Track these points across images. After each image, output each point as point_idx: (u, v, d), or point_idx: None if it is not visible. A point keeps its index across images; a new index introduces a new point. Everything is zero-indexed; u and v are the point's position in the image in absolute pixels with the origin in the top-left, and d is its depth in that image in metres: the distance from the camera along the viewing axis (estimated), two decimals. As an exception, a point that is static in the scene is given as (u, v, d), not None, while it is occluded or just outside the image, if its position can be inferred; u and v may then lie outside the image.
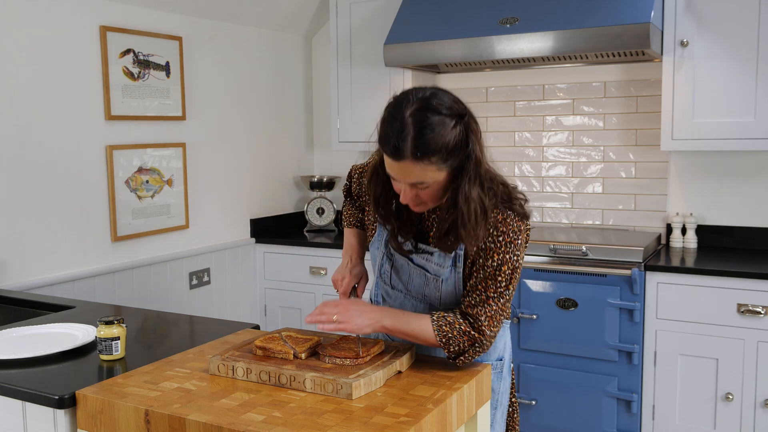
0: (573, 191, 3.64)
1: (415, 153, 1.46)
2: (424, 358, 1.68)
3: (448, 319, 1.59)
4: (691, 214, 3.34)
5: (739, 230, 3.28)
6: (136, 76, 3.14)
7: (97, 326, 1.79)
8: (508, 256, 1.59)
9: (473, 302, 1.60)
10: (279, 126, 4.07)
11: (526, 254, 3.11)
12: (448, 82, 3.88)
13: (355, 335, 1.65)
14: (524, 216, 1.65)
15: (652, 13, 2.84)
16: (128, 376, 1.56)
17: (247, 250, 3.84)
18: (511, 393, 1.88)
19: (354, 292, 1.88)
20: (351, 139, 3.79)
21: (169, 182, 3.34)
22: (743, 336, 2.76)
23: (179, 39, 3.35)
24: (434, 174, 1.50)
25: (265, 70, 3.94)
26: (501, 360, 1.80)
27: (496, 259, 1.59)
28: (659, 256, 3.07)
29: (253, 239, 3.88)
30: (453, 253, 1.62)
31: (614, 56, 3.11)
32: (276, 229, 4.03)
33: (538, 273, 3.08)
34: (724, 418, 2.82)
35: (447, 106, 1.50)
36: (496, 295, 1.59)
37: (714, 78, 2.97)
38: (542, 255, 3.09)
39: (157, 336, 1.99)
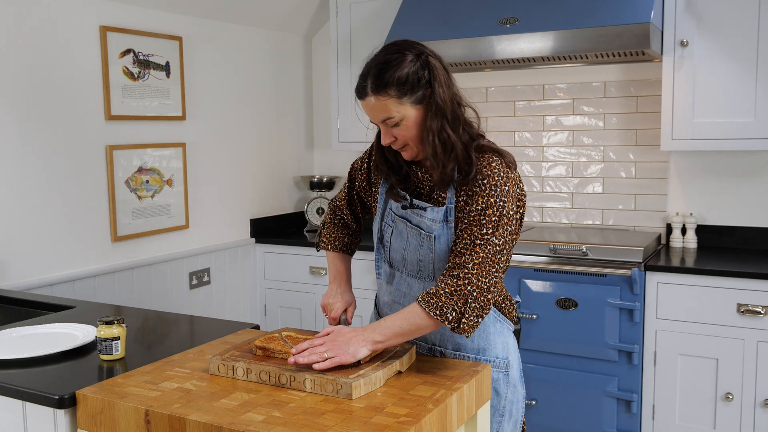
0: (573, 191, 3.64)
1: (373, 88, 1.60)
2: (424, 358, 1.68)
3: (431, 291, 1.56)
4: (691, 214, 3.34)
5: (739, 230, 3.28)
6: (136, 76, 3.14)
7: (97, 326, 1.79)
8: (492, 200, 1.58)
9: (459, 250, 1.58)
10: (279, 126, 4.07)
11: (526, 254, 3.11)
12: (448, 82, 3.88)
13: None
14: (511, 163, 1.66)
15: (652, 13, 2.84)
16: (128, 376, 1.56)
17: (247, 250, 3.84)
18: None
19: (344, 317, 1.91)
20: (351, 139, 3.79)
21: (169, 182, 3.34)
22: (743, 336, 2.76)
23: (179, 39, 3.35)
24: (397, 108, 1.60)
25: (265, 70, 3.94)
26: (505, 360, 1.75)
27: (480, 202, 1.58)
28: (659, 256, 3.07)
29: (253, 239, 3.88)
30: (444, 207, 1.65)
31: (614, 56, 3.11)
32: (276, 229, 4.03)
33: (538, 273, 3.08)
34: (724, 418, 2.82)
35: (407, 45, 1.64)
36: (482, 242, 1.56)
37: (714, 78, 2.97)
38: (542, 255, 3.09)
39: (157, 336, 1.99)
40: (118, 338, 1.68)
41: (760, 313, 2.72)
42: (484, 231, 1.57)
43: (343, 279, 1.96)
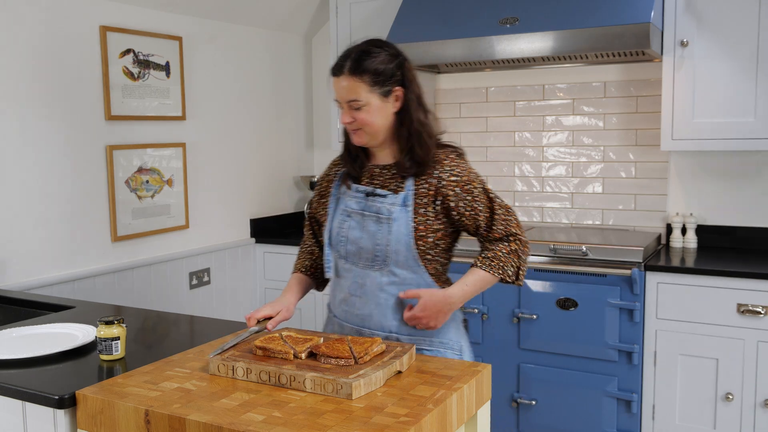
0: (573, 191, 3.64)
1: (350, 69, 1.77)
2: (424, 358, 1.68)
3: (488, 255, 1.85)
4: (691, 214, 3.34)
5: (739, 230, 3.28)
6: (136, 76, 3.14)
7: (97, 326, 1.79)
8: (477, 182, 1.85)
9: (491, 225, 1.85)
10: (279, 126, 4.07)
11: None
12: (448, 82, 3.88)
13: (346, 336, 1.70)
14: (463, 154, 1.93)
15: (652, 13, 2.84)
16: (128, 376, 1.56)
17: (247, 250, 3.84)
18: None
19: (258, 327, 1.85)
20: (351, 139, 3.79)
21: (169, 182, 3.34)
22: (743, 336, 2.76)
23: (179, 39, 3.35)
24: (365, 94, 1.77)
25: (265, 70, 3.94)
26: (459, 343, 1.93)
27: (476, 187, 1.84)
28: (659, 256, 3.07)
29: (253, 239, 3.88)
30: (403, 193, 1.83)
31: (614, 56, 3.11)
32: (276, 229, 4.03)
33: (538, 273, 3.08)
34: (724, 418, 2.82)
35: (387, 45, 1.84)
36: (500, 209, 1.86)
37: (714, 78, 2.97)
38: (542, 255, 3.09)
39: (157, 336, 1.99)
40: (118, 338, 1.68)
41: (760, 313, 2.72)
42: (495, 203, 1.86)
43: (289, 291, 1.98)
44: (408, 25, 3.39)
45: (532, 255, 3.10)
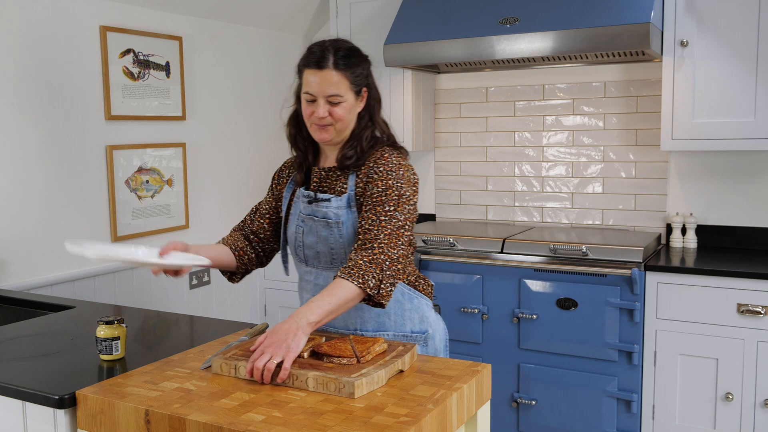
0: (573, 191, 3.64)
1: (336, 63, 1.78)
2: (424, 358, 1.68)
3: (349, 264, 1.70)
4: (691, 214, 3.34)
5: (739, 230, 3.28)
6: (136, 76, 3.14)
7: (97, 326, 1.79)
8: (390, 182, 1.78)
9: (367, 227, 1.75)
10: (279, 126, 4.04)
11: (526, 254, 3.11)
12: (448, 82, 3.88)
13: (348, 335, 1.71)
14: (404, 153, 1.90)
15: (652, 13, 2.84)
16: (128, 376, 1.56)
17: (247, 250, 3.84)
18: None
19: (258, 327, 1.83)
20: (351, 139, 3.79)
21: (169, 182, 3.34)
22: (743, 336, 2.76)
23: (179, 39, 3.35)
24: (346, 91, 1.80)
25: (265, 70, 3.94)
26: (424, 333, 1.92)
27: (380, 185, 1.78)
28: (659, 256, 3.07)
29: (253, 239, 3.87)
30: (346, 195, 1.83)
31: (614, 56, 3.11)
32: (276, 229, 4.02)
33: (538, 273, 3.08)
34: (724, 418, 2.82)
35: (356, 48, 1.87)
36: (386, 218, 1.74)
37: (714, 78, 2.97)
38: (542, 255, 3.09)
39: (157, 336, 1.99)
40: (118, 338, 1.68)
41: (760, 313, 2.72)
42: (387, 208, 1.75)
43: (205, 248, 1.90)
44: (408, 25, 3.39)
45: (533, 255, 3.10)
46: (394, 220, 1.74)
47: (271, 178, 2.07)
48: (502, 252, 3.16)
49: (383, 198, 1.76)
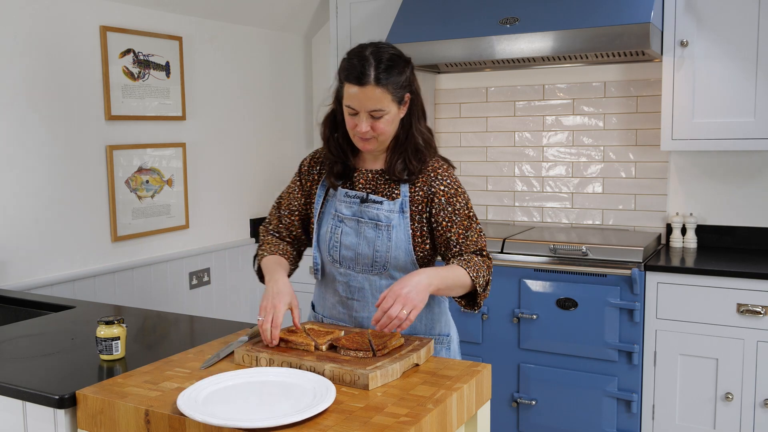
0: (573, 191, 3.64)
1: (378, 78, 1.72)
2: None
3: (464, 257, 1.80)
4: (691, 214, 3.34)
5: (739, 230, 3.28)
6: (136, 76, 3.14)
7: (97, 326, 1.79)
8: (463, 198, 1.85)
9: (464, 239, 1.82)
10: (279, 126, 4.07)
11: (526, 254, 3.12)
12: (448, 82, 3.88)
13: (367, 329, 1.73)
14: (452, 167, 1.93)
15: (652, 13, 2.84)
16: (128, 376, 1.56)
17: (247, 250, 3.84)
18: None
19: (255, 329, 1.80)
20: (351, 139, 3.79)
21: (169, 182, 3.34)
22: (743, 336, 2.76)
23: (179, 39, 3.35)
24: (388, 103, 1.75)
25: (265, 70, 3.94)
26: (448, 336, 1.96)
27: (459, 201, 1.84)
28: (659, 256, 3.07)
29: (253, 239, 3.87)
30: (399, 200, 1.82)
31: (614, 56, 3.11)
32: (276, 229, 4.02)
33: (538, 273, 3.08)
34: (724, 418, 2.82)
35: (397, 53, 1.80)
36: (475, 231, 1.85)
37: (714, 78, 2.97)
38: (542, 255, 3.09)
39: (157, 336, 1.99)
40: (118, 338, 1.68)
41: (760, 313, 2.72)
42: (472, 221, 1.85)
43: (281, 276, 1.79)
44: (408, 25, 3.40)
45: (533, 255, 3.10)
46: (480, 231, 1.87)
47: (298, 173, 1.99)
48: (502, 252, 3.17)
49: (468, 211, 1.85)
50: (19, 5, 2.69)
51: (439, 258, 1.91)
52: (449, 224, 1.82)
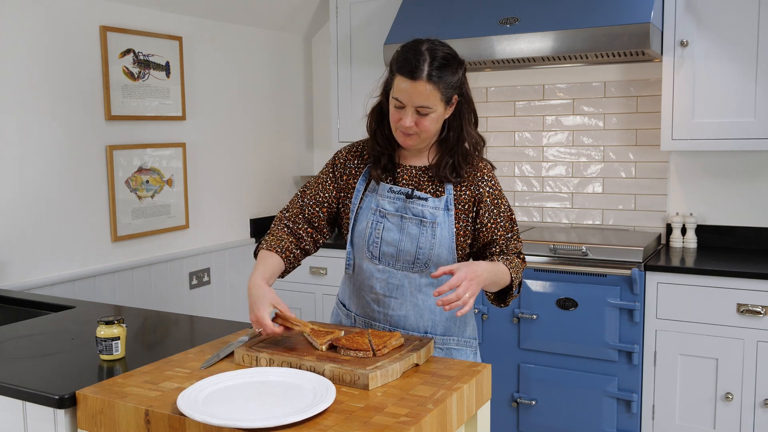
0: (573, 191, 3.64)
1: (430, 74, 1.71)
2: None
3: (509, 257, 1.84)
4: (691, 214, 3.34)
5: (739, 230, 3.28)
6: (136, 76, 3.14)
7: (97, 326, 1.79)
8: (505, 201, 1.89)
9: (506, 240, 1.86)
10: (279, 126, 4.07)
11: (526, 254, 3.11)
12: (448, 82, 3.88)
13: (367, 330, 1.73)
14: (494, 166, 1.95)
15: (652, 13, 2.84)
16: (128, 376, 1.56)
17: (247, 250, 3.84)
18: None
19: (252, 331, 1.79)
20: (351, 138, 3.79)
21: (169, 182, 3.34)
22: (743, 336, 2.76)
23: (179, 39, 3.35)
24: (436, 102, 1.73)
25: (265, 70, 3.94)
26: (475, 339, 1.97)
27: (503, 203, 1.88)
28: (659, 256, 3.07)
29: (253, 239, 3.88)
30: (444, 198, 1.82)
31: (614, 56, 3.11)
32: (276, 229, 4.02)
33: (538, 273, 3.08)
34: (724, 418, 2.82)
35: (453, 53, 1.79)
36: (517, 230, 1.91)
37: (714, 78, 2.97)
38: (542, 255, 3.09)
39: (157, 336, 1.99)
40: (118, 338, 1.68)
41: (760, 313, 2.72)
42: (515, 225, 1.90)
43: (265, 280, 1.77)
44: (408, 25, 3.39)
45: (533, 255, 3.10)
46: (521, 238, 1.93)
47: (332, 164, 1.93)
48: (502, 252, 3.16)
49: (511, 214, 1.89)
50: (19, 5, 2.69)
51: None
52: (494, 226, 1.84)
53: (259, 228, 3.91)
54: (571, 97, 3.60)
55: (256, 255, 1.90)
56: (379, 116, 1.87)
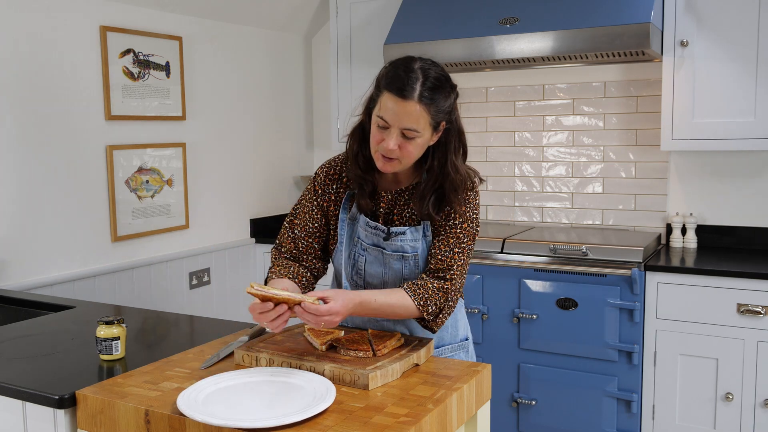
0: (573, 191, 3.64)
1: (422, 95, 1.59)
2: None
3: (419, 282, 1.69)
4: (691, 214, 3.34)
5: (739, 230, 3.28)
6: (136, 76, 3.14)
7: (97, 326, 1.79)
8: (468, 215, 1.73)
9: (441, 256, 1.71)
10: (279, 126, 4.07)
11: (526, 254, 3.11)
12: (448, 82, 3.88)
13: (367, 330, 1.73)
14: (480, 180, 1.79)
15: (652, 13, 2.84)
16: (128, 376, 1.56)
17: (247, 250, 3.84)
18: None
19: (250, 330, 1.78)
20: (351, 139, 3.79)
21: (169, 182, 3.34)
22: (743, 336, 2.76)
23: (179, 39, 3.35)
24: (424, 125, 1.61)
25: (265, 70, 3.94)
26: (467, 340, 1.92)
27: (458, 219, 1.72)
28: (659, 256, 3.07)
29: (253, 239, 3.88)
30: (422, 225, 1.73)
31: (614, 56, 3.11)
32: (276, 229, 4.02)
33: (538, 273, 3.07)
34: (724, 418, 2.82)
35: (446, 75, 1.68)
36: (460, 250, 1.72)
37: (714, 78, 2.97)
38: (542, 255, 3.09)
39: (157, 336, 1.99)
40: (118, 338, 1.68)
41: (760, 313, 2.72)
42: (463, 241, 1.72)
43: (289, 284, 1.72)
44: (408, 25, 3.39)
45: (533, 255, 3.10)
46: (465, 254, 1.73)
47: (312, 189, 1.83)
48: (502, 252, 3.17)
49: (462, 233, 1.72)
50: (19, 5, 2.69)
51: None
52: (440, 236, 1.72)
53: (259, 228, 3.91)
54: (571, 97, 3.60)
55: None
56: (361, 137, 1.75)
